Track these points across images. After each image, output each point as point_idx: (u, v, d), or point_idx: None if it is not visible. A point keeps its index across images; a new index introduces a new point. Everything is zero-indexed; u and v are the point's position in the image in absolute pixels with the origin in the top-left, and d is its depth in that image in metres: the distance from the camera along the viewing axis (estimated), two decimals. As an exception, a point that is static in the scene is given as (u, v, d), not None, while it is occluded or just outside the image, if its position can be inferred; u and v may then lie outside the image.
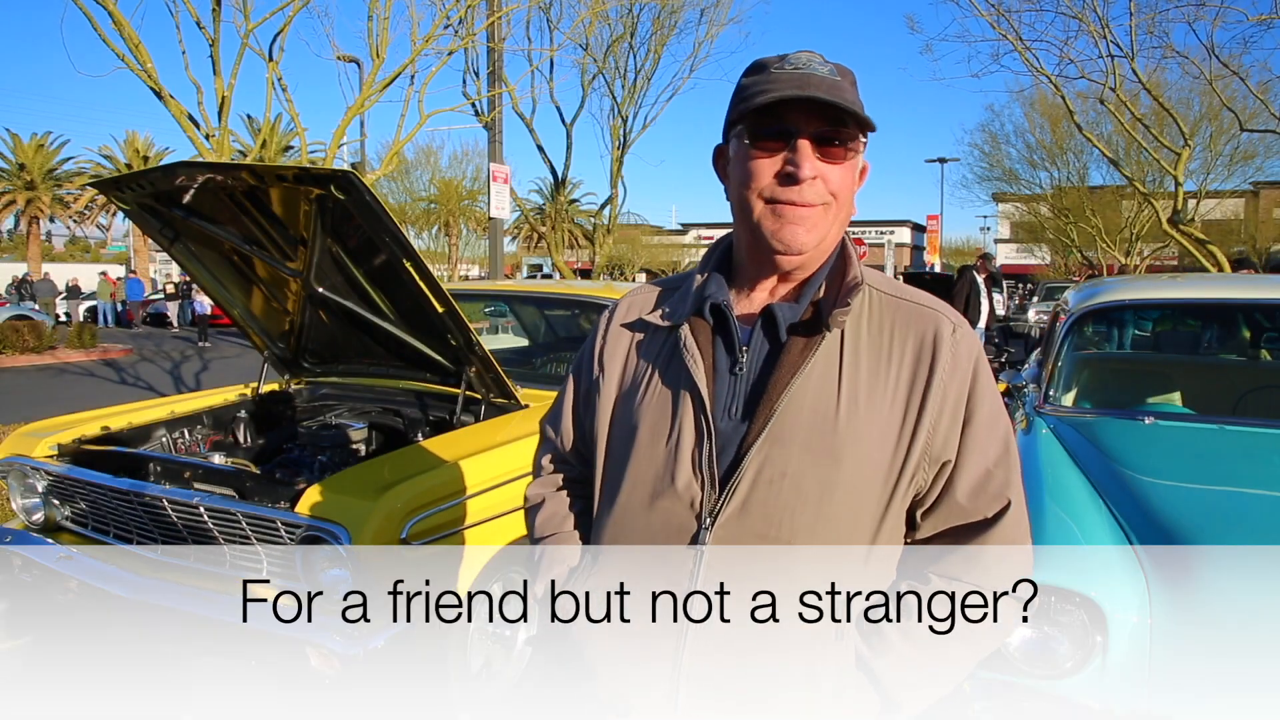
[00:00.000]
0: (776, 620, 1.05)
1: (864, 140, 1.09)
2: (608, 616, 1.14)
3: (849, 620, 1.08)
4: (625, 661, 1.12)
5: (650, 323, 1.19)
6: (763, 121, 1.05)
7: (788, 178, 1.04)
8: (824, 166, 1.05)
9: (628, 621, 1.11)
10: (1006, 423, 1.13)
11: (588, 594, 1.18)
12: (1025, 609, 1.14)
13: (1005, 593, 1.09)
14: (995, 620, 1.10)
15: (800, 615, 1.06)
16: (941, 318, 1.11)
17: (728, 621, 1.06)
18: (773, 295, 1.14)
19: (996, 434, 1.10)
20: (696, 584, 1.06)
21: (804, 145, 1.04)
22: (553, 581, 1.23)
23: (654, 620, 1.09)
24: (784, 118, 1.04)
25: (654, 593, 1.09)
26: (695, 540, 1.06)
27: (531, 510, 1.34)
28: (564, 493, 1.33)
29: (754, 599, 1.05)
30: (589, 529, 1.25)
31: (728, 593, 1.06)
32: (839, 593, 1.07)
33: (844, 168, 1.07)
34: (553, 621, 1.23)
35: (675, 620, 1.07)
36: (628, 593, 1.12)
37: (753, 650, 1.06)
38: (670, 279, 1.27)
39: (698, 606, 1.06)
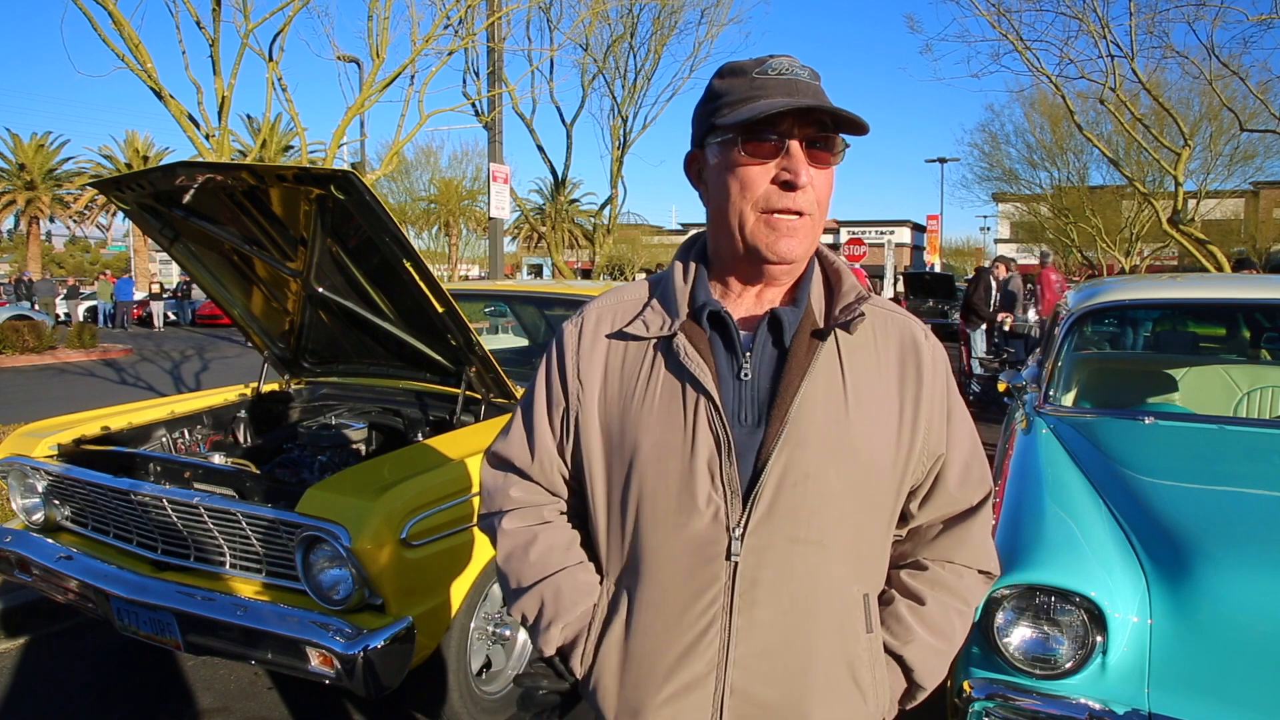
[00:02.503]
0: (819, 623, 1.07)
1: (848, 145, 1.09)
2: (641, 651, 1.09)
3: (876, 613, 1.13)
4: (663, 689, 1.07)
5: (633, 333, 1.13)
6: (757, 130, 1.04)
7: (786, 185, 1.04)
8: (813, 172, 1.05)
9: (667, 651, 1.08)
10: (970, 417, 1.21)
11: (622, 631, 1.12)
12: (1000, 605, 1.24)
13: (984, 570, 1.20)
14: (979, 598, 1.20)
15: (839, 614, 1.08)
16: (913, 323, 1.17)
17: (770, 631, 1.05)
18: (760, 299, 1.14)
19: (967, 428, 1.18)
20: (735, 597, 1.05)
21: (798, 150, 1.04)
22: (570, 642, 1.16)
23: (694, 644, 1.06)
24: (777, 125, 1.04)
25: (694, 615, 1.06)
26: (729, 553, 1.04)
27: (520, 548, 1.18)
28: (555, 525, 1.21)
29: (793, 603, 1.06)
30: (595, 560, 1.18)
31: (768, 603, 1.05)
32: (868, 587, 1.12)
33: (829, 173, 1.08)
34: (573, 677, 1.17)
35: (717, 639, 1.05)
36: (664, 621, 1.08)
37: (797, 655, 1.06)
38: (640, 285, 1.21)
39: (738, 620, 1.05)
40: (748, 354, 1.09)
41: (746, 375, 1.09)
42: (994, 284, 10.94)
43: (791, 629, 1.06)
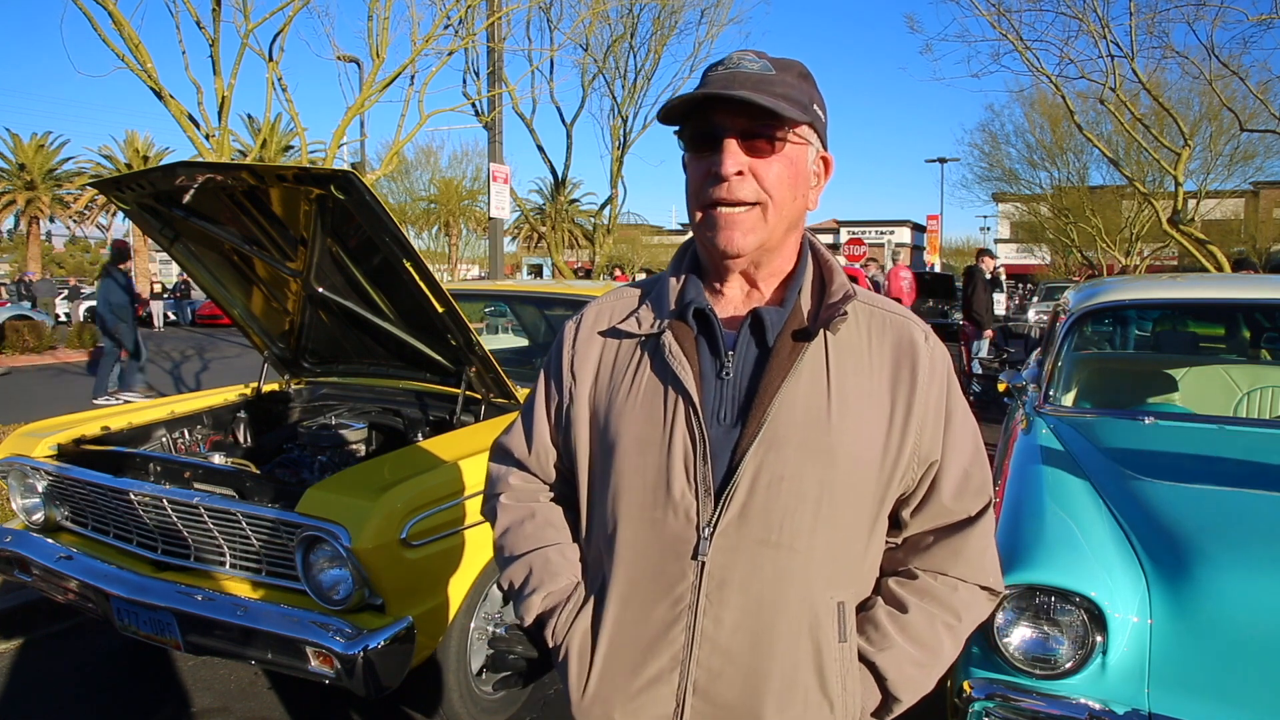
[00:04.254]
0: (785, 627, 1.05)
1: (796, 132, 1.06)
2: (609, 639, 1.11)
3: (852, 621, 1.10)
4: (629, 681, 1.09)
5: (625, 330, 1.16)
6: (695, 126, 1.06)
7: (714, 177, 1.04)
8: (752, 162, 1.04)
9: (633, 644, 1.09)
10: (975, 423, 1.17)
11: (591, 619, 1.14)
12: (999, 605, 1.20)
13: (985, 587, 1.15)
14: (977, 615, 1.15)
15: (808, 619, 1.06)
16: (914, 326, 1.14)
17: (735, 633, 1.05)
18: (748, 298, 1.14)
19: (969, 434, 1.15)
20: (701, 596, 1.05)
21: (728, 144, 1.04)
22: (548, 611, 1.18)
23: (659, 638, 1.07)
24: (710, 119, 1.04)
25: (660, 611, 1.07)
26: (696, 552, 1.05)
27: (518, 522, 1.24)
28: (550, 506, 1.26)
29: (760, 606, 1.04)
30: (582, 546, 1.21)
31: (734, 603, 1.05)
32: (844, 595, 1.09)
33: (774, 162, 1.05)
34: (549, 651, 1.19)
35: (681, 636, 1.06)
36: (631, 615, 1.09)
37: (761, 659, 1.05)
38: (640, 284, 1.24)
39: (703, 620, 1.05)
40: (730, 353, 1.10)
41: (728, 374, 1.09)
42: (983, 280, 10.94)
43: (757, 632, 1.04)
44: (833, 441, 1.05)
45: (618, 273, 22.30)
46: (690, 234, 1.17)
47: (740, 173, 1.04)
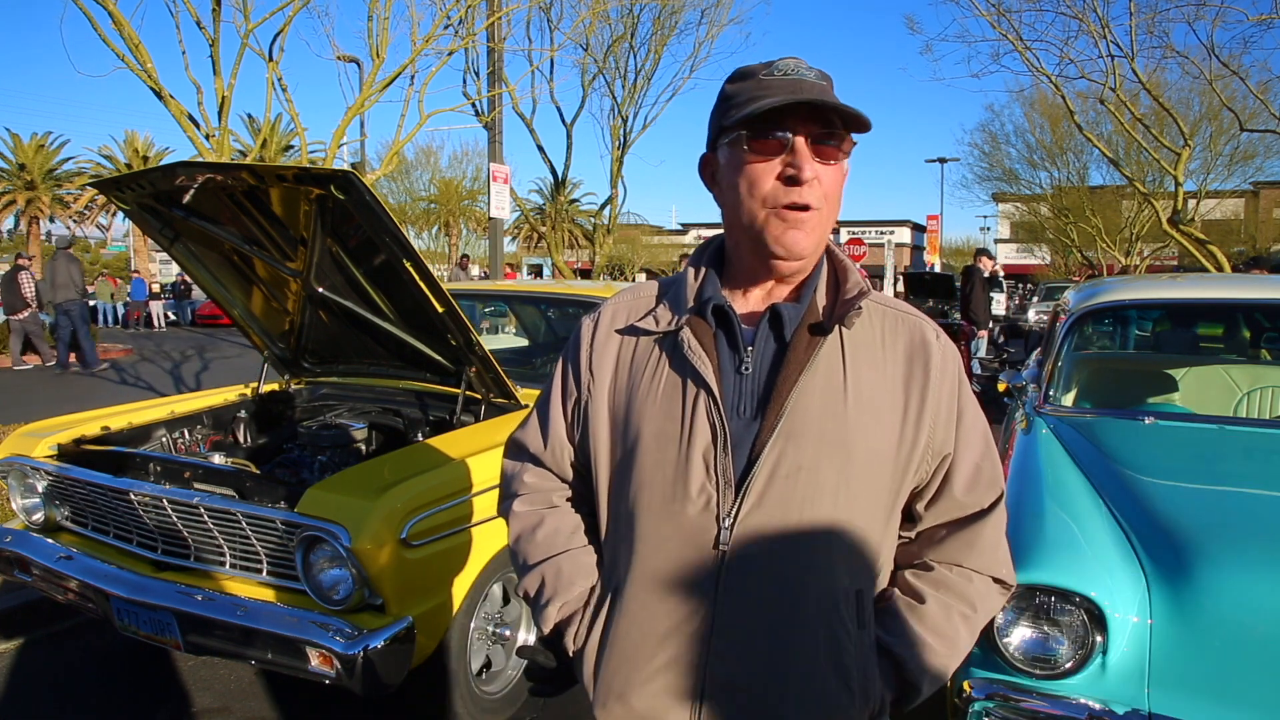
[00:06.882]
0: (804, 616, 1.07)
1: (854, 142, 1.10)
2: (628, 631, 1.12)
3: (870, 609, 1.12)
4: (648, 670, 1.10)
5: (643, 328, 1.17)
6: (761, 127, 1.06)
7: (791, 180, 1.05)
8: (819, 168, 1.07)
9: (650, 634, 1.10)
10: (984, 419, 1.20)
11: (608, 613, 1.15)
12: (1009, 599, 1.23)
13: (998, 579, 1.17)
14: (991, 606, 1.17)
15: (826, 608, 1.07)
16: (925, 324, 1.18)
17: (754, 621, 1.06)
18: (770, 296, 1.16)
19: (979, 429, 1.17)
20: (721, 587, 1.06)
21: (803, 146, 1.05)
22: (565, 620, 1.19)
23: (678, 628, 1.08)
24: (782, 122, 1.05)
25: (679, 601, 1.08)
26: (716, 542, 1.06)
27: (529, 530, 1.25)
28: (562, 510, 1.27)
29: (779, 595, 1.06)
30: (598, 545, 1.22)
31: (754, 593, 1.06)
32: (861, 583, 1.11)
33: (836, 169, 1.09)
34: (567, 656, 1.20)
35: (701, 628, 1.07)
36: (650, 606, 1.10)
37: (780, 647, 1.06)
38: (658, 282, 1.26)
39: (723, 608, 1.06)
40: (749, 348, 1.12)
41: (747, 369, 1.11)
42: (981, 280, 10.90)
43: (776, 620, 1.06)
44: (849, 433, 1.07)
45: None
46: (692, 235, 1.17)
47: (814, 177, 1.06)
